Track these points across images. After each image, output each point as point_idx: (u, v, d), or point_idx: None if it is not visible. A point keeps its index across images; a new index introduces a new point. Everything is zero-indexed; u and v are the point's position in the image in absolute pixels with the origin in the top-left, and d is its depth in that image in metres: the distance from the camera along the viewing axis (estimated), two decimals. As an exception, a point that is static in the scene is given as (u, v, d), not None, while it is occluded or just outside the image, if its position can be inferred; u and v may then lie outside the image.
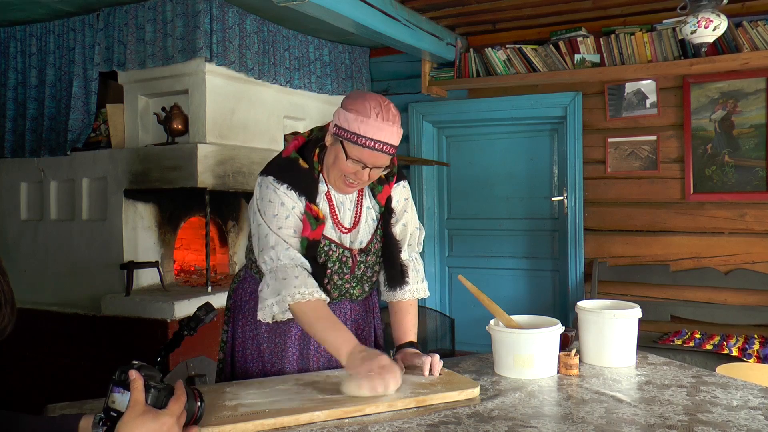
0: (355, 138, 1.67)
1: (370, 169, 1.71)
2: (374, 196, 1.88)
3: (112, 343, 3.64)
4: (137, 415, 1.13)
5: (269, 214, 1.74)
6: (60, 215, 4.20)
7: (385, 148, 1.68)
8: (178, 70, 3.87)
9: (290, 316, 1.71)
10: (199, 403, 1.26)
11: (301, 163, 1.77)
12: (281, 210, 1.73)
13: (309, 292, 1.67)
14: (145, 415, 1.13)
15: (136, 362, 1.19)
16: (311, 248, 1.75)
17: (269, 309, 1.70)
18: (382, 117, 1.66)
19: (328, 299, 1.73)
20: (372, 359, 1.60)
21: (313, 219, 1.74)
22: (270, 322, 1.74)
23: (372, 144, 1.66)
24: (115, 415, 1.14)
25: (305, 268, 1.72)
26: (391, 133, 1.68)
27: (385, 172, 1.81)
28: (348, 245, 1.83)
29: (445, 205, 5.34)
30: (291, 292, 1.66)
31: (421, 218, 5.20)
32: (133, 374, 1.15)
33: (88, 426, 1.20)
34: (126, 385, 1.15)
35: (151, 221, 3.98)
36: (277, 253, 1.71)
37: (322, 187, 1.81)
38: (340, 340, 1.66)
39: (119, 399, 1.15)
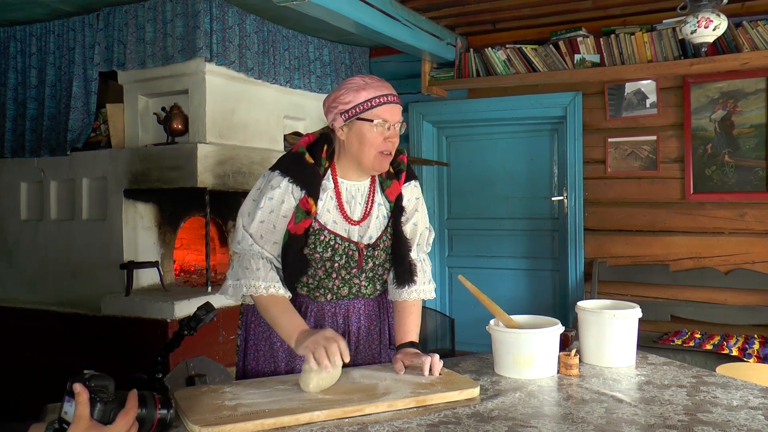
0: (369, 104, 1.76)
1: (394, 126, 1.81)
2: (383, 191, 1.90)
3: (112, 343, 3.64)
4: (80, 431, 1.10)
5: (255, 203, 1.81)
6: (60, 215, 4.20)
7: (395, 99, 1.81)
8: (178, 70, 3.87)
9: (249, 301, 1.83)
10: (161, 411, 1.21)
11: (307, 157, 1.81)
12: (267, 203, 1.79)
13: (265, 286, 1.75)
14: None
15: (87, 372, 1.15)
16: (293, 242, 1.78)
17: (225, 288, 1.82)
18: (373, 80, 1.81)
19: (288, 295, 1.79)
20: (316, 333, 1.66)
21: (302, 212, 1.77)
22: (227, 298, 1.84)
23: (385, 99, 1.77)
24: (66, 426, 1.11)
25: (270, 261, 1.80)
26: (389, 87, 1.82)
27: (395, 168, 1.90)
28: (356, 239, 1.85)
29: (445, 205, 5.33)
30: (249, 283, 1.76)
31: (421, 218, 5.25)
32: (78, 387, 1.11)
33: None
34: None
35: (151, 221, 3.99)
36: (247, 242, 1.80)
37: (329, 184, 1.83)
38: (291, 325, 1.73)
39: (70, 411, 1.12)
